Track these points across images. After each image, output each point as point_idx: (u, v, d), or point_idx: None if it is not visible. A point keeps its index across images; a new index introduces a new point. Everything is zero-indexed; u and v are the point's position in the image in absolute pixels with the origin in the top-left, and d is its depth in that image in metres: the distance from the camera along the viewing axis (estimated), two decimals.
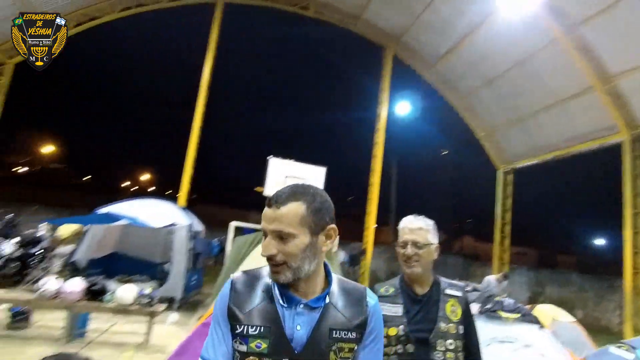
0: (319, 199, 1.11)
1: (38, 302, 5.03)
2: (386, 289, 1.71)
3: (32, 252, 8.63)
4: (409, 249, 1.65)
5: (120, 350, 4.94)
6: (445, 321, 1.59)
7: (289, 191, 1.10)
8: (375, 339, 1.15)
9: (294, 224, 1.06)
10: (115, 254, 9.02)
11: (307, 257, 1.07)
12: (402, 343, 1.57)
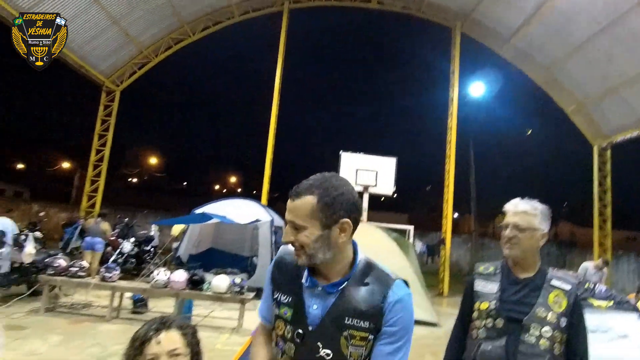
0: (333, 193, 1.11)
1: (152, 291, 5.98)
2: (486, 267, 1.74)
3: (146, 250, 10.13)
4: (509, 231, 1.64)
5: (218, 333, 5.67)
6: (545, 308, 1.55)
7: (306, 184, 1.14)
8: (392, 336, 1.12)
9: (304, 216, 1.11)
10: (211, 250, 10.16)
11: (321, 247, 1.12)
12: (492, 317, 1.58)
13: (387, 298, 1.13)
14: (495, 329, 1.59)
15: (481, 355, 1.60)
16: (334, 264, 1.17)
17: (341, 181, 1.16)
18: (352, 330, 1.12)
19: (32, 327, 5.10)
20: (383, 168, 8.73)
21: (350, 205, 1.14)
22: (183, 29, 13.81)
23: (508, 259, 1.71)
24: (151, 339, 1.27)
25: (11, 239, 6.10)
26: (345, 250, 1.17)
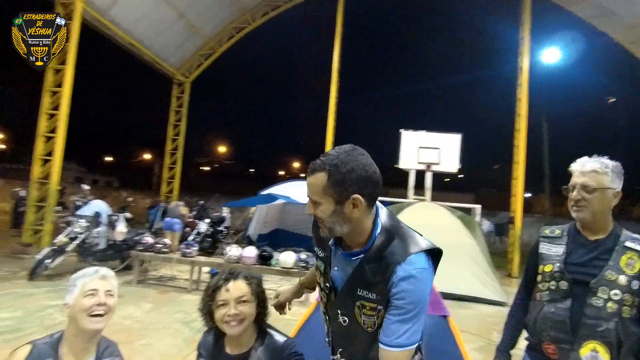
0: (343, 170, 1.11)
1: (226, 265, 6.47)
2: (552, 230, 1.67)
3: (219, 230, 10.92)
4: (576, 192, 1.54)
5: None
6: (616, 271, 1.45)
7: (319, 162, 1.15)
8: (399, 308, 1.14)
9: (318, 192, 1.15)
10: (278, 230, 10.66)
11: (336, 221, 1.15)
12: (555, 279, 1.53)
13: (395, 273, 1.14)
14: (559, 291, 1.53)
15: (543, 317, 1.55)
16: (352, 236, 1.21)
17: (353, 156, 1.14)
18: (362, 300, 1.19)
19: (127, 295, 5.81)
20: (447, 145, 8.38)
21: (362, 181, 1.13)
22: (244, 17, 14.24)
23: (577, 221, 1.61)
24: (221, 287, 1.45)
25: (106, 220, 6.96)
26: (363, 224, 1.19)
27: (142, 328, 4.45)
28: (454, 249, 6.86)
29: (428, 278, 1.16)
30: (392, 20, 40.68)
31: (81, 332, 1.40)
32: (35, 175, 9.07)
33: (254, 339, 1.49)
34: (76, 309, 1.40)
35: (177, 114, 15.01)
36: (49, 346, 1.40)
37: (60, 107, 9.13)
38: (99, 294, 1.42)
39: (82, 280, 1.44)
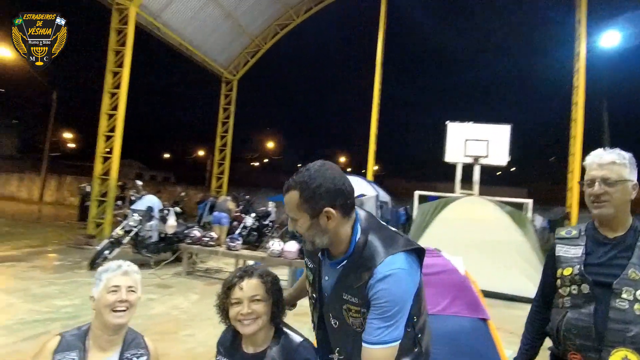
0: (312, 186, 1.18)
1: (269, 259, 6.61)
2: (568, 231, 1.56)
3: (265, 224, 11.19)
4: (597, 186, 1.43)
5: None
6: (639, 269, 1.36)
7: (291, 180, 1.23)
8: (378, 308, 1.17)
9: (293, 209, 1.23)
10: None
11: (315, 234, 1.23)
12: (576, 283, 1.43)
13: (373, 276, 1.18)
14: (581, 296, 1.40)
15: (566, 324, 1.42)
16: (334, 246, 1.28)
17: (321, 172, 1.21)
18: (348, 304, 1.26)
19: (176, 286, 6.14)
20: (495, 137, 7.90)
21: (332, 194, 1.19)
22: (288, 14, 14.39)
23: (595, 219, 1.49)
24: (235, 285, 1.44)
25: (157, 214, 7.37)
26: (340, 234, 1.25)
27: (188, 319, 4.66)
28: (502, 245, 6.48)
29: (406, 278, 1.20)
30: (438, 8, 39.01)
31: (105, 326, 1.47)
32: (97, 171, 9.84)
33: (270, 338, 1.47)
34: (100, 304, 1.47)
35: (226, 111, 15.55)
36: (77, 338, 1.47)
37: (118, 107, 9.81)
38: (121, 291, 1.48)
39: (106, 275, 1.50)
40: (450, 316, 2.22)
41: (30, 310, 4.41)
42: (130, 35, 9.84)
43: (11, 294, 4.98)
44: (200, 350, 3.77)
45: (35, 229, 10.64)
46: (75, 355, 1.43)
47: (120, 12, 9.91)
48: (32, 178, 22.99)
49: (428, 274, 2.49)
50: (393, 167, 36.74)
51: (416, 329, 1.31)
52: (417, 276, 1.25)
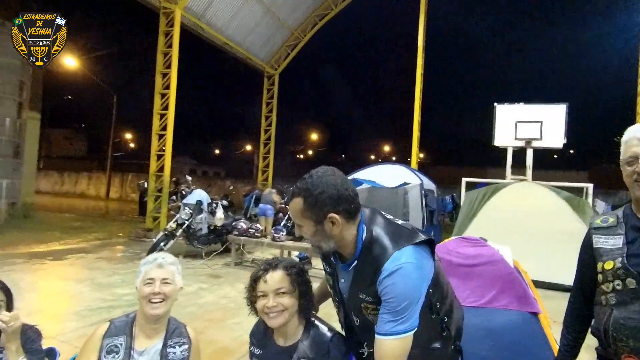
0: (315, 193, 1.20)
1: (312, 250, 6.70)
2: (604, 219, 1.41)
3: None
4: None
5: None
6: None
7: (295, 187, 1.26)
8: (388, 304, 1.19)
9: (298, 216, 1.26)
10: None
11: (320, 239, 1.26)
12: (620, 278, 1.30)
13: (382, 273, 1.19)
14: (628, 292, 1.25)
15: (615, 324, 1.27)
16: (342, 249, 1.31)
17: (323, 178, 1.23)
18: (364, 303, 1.28)
19: (225, 276, 6.40)
20: (550, 118, 7.32)
21: (335, 200, 1.21)
22: (326, 4, 14.27)
23: (633, 203, 1.33)
24: (260, 278, 1.45)
25: (207, 207, 7.70)
26: (347, 237, 1.27)
27: (235, 307, 4.84)
28: (559, 235, 6.06)
29: (414, 271, 1.19)
30: None
31: (145, 316, 1.56)
32: (152, 169, 10.44)
33: (300, 331, 1.48)
34: (139, 295, 1.56)
35: (268, 105, 15.81)
36: (124, 324, 1.57)
37: (169, 107, 10.31)
38: (155, 283, 1.54)
39: (144, 268, 1.59)
40: (497, 309, 2.12)
41: (96, 298, 4.81)
42: (176, 37, 10.25)
43: (80, 282, 5.47)
44: (246, 338, 3.90)
45: (102, 224, 11.56)
46: (122, 341, 1.52)
47: (167, 16, 10.34)
48: (99, 177, 24.91)
49: (472, 265, 2.38)
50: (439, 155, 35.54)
51: (441, 314, 1.33)
52: (428, 267, 1.25)
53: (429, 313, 1.29)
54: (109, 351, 1.50)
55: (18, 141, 9.38)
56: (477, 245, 2.47)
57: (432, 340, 1.34)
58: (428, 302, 1.26)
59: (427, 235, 1.26)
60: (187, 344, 1.62)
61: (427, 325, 1.29)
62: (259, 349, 1.52)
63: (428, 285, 1.24)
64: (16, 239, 8.00)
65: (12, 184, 9.19)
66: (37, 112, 11.43)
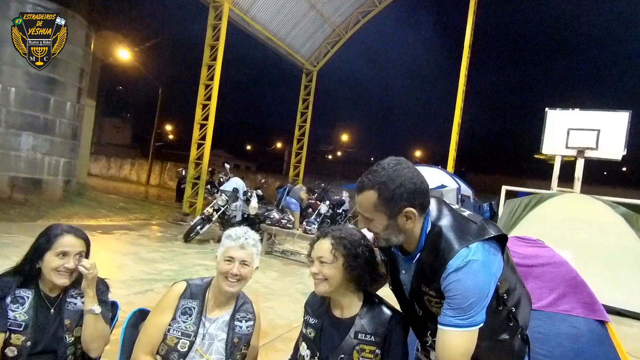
0: (391, 187, 1.14)
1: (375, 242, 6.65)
2: None
3: (338, 212, 11.25)
4: None
5: None
6: None
7: (366, 179, 1.19)
8: (451, 301, 1.15)
9: (369, 210, 1.19)
10: None
11: (391, 233, 1.20)
12: None
13: (446, 269, 1.15)
14: None
15: None
16: (408, 242, 1.26)
17: (399, 171, 1.17)
18: (427, 296, 1.26)
19: None
20: (608, 126, 6.80)
21: (412, 194, 1.16)
22: (370, 0, 14.14)
23: None
24: (313, 243, 1.47)
25: (242, 195, 7.81)
26: (416, 231, 1.23)
27: (268, 292, 4.88)
28: (613, 252, 5.67)
29: (481, 269, 1.14)
30: None
31: (219, 290, 1.58)
32: (192, 156, 10.75)
33: (358, 306, 1.45)
34: (218, 269, 1.57)
35: (305, 102, 15.87)
36: (199, 290, 1.60)
37: (212, 98, 10.57)
38: (234, 263, 1.54)
39: (227, 243, 1.57)
40: (557, 314, 1.97)
41: (140, 270, 5.05)
42: (224, 30, 10.49)
43: (125, 255, 5.75)
44: (280, 322, 3.91)
45: (143, 206, 12.01)
46: (195, 305, 1.56)
47: (216, 9, 10.60)
48: (141, 164, 26.01)
49: (530, 266, 2.23)
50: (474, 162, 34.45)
51: (509, 305, 1.28)
52: (496, 263, 1.19)
53: (496, 305, 1.24)
54: (183, 312, 1.54)
55: (76, 124, 9.93)
56: (535, 246, 2.33)
57: (499, 331, 1.29)
58: (495, 295, 1.21)
59: (497, 230, 1.20)
60: (252, 320, 1.64)
61: (494, 317, 1.24)
62: (314, 318, 1.51)
63: (496, 281, 1.19)
64: (71, 213, 8.51)
65: (69, 163, 9.76)
66: (93, 99, 12.05)
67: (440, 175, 8.99)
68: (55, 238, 1.52)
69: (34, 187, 8.91)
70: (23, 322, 1.47)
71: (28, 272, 1.53)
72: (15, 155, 8.62)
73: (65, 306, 1.56)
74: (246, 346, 1.60)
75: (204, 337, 1.52)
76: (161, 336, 1.50)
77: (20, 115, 8.61)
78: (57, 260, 1.50)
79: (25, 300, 1.50)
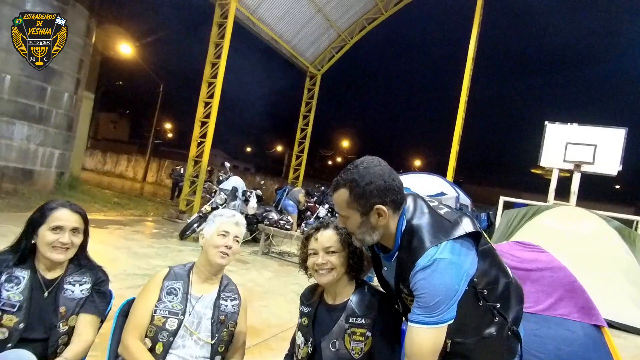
0: (362, 183, 1.18)
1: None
2: None
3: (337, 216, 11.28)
4: None
5: None
6: None
7: (339, 179, 1.23)
8: (419, 299, 1.16)
9: (343, 207, 1.23)
10: None
11: (365, 231, 1.24)
12: None
13: (415, 268, 1.16)
14: None
15: None
16: (384, 240, 1.28)
17: (370, 169, 1.20)
18: (403, 294, 1.29)
19: (253, 263, 6.45)
20: (605, 142, 6.91)
21: (382, 191, 1.18)
22: (376, 8, 14.26)
23: None
24: (312, 236, 1.48)
25: (241, 195, 7.81)
26: (391, 228, 1.24)
27: (262, 292, 4.87)
28: (605, 264, 5.71)
29: (449, 267, 1.14)
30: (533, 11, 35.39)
31: (209, 263, 1.61)
32: (191, 154, 10.73)
33: (350, 291, 1.48)
34: (209, 243, 1.61)
35: (308, 105, 15.91)
36: (183, 272, 1.64)
37: (214, 95, 10.59)
38: (229, 237, 1.61)
39: (220, 220, 1.64)
40: (554, 318, 1.99)
41: (132, 265, 4.99)
42: (229, 29, 10.53)
43: (118, 249, 5.68)
44: (274, 321, 3.90)
45: (138, 202, 11.97)
46: (180, 285, 1.58)
47: (222, 7, 10.65)
48: (138, 160, 25.92)
49: (528, 270, 2.26)
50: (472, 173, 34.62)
51: (490, 300, 1.27)
52: (468, 262, 1.18)
53: (475, 301, 1.25)
54: (168, 292, 1.56)
55: (72, 116, 9.86)
56: (534, 251, 2.36)
57: (483, 327, 1.29)
58: (473, 290, 1.23)
59: (472, 227, 1.20)
60: (237, 299, 1.68)
61: (475, 312, 1.25)
62: (307, 307, 1.54)
63: (469, 278, 1.19)
64: None
65: (63, 155, 9.66)
66: (91, 92, 12.01)
67: (440, 183, 9.02)
68: (50, 212, 1.48)
69: (25, 178, 8.78)
70: (17, 302, 1.41)
71: (24, 249, 1.48)
72: (6, 145, 8.48)
73: (62, 292, 1.50)
74: (233, 324, 1.62)
75: (192, 315, 1.54)
76: (148, 318, 1.50)
77: (13, 103, 8.44)
78: (51, 234, 1.46)
79: (21, 280, 1.44)
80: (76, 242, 1.52)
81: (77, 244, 1.53)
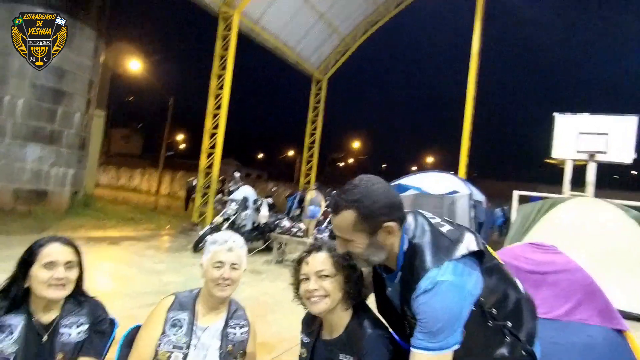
0: (368, 203, 1.13)
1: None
2: None
3: None
4: None
5: None
6: None
7: (340, 200, 1.16)
8: (421, 323, 1.10)
9: (348, 231, 1.16)
10: None
11: (372, 252, 1.18)
12: None
13: (416, 290, 1.11)
14: None
15: None
16: (390, 261, 1.22)
17: (372, 187, 1.16)
18: (408, 316, 1.19)
19: (266, 273, 6.43)
20: (618, 130, 6.69)
21: (389, 208, 1.15)
22: (378, 11, 14.23)
23: None
24: (303, 260, 1.38)
25: (252, 204, 7.83)
26: (395, 248, 1.20)
27: (275, 304, 4.82)
28: (625, 255, 5.55)
29: (451, 289, 1.09)
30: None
31: (210, 296, 1.53)
32: (202, 165, 10.84)
33: (346, 323, 1.35)
34: (207, 276, 1.52)
35: (315, 110, 15.95)
36: (188, 300, 1.55)
37: (221, 107, 10.69)
38: (225, 267, 1.49)
39: (214, 248, 1.53)
40: (574, 323, 1.91)
41: (144, 282, 5.04)
42: (234, 41, 10.64)
43: (131, 267, 5.76)
44: (286, 335, 3.85)
45: (152, 216, 12.12)
46: (186, 316, 1.51)
47: (225, 20, 10.77)
48: (151, 173, 26.32)
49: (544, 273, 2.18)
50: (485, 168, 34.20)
51: (499, 319, 1.19)
52: (472, 282, 1.13)
53: (483, 321, 1.17)
54: (172, 325, 1.49)
55: (84, 135, 10.07)
56: (549, 252, 2.27)
57: (493, 347, 1.21)
58: (480, 310, 1.15)
59: (474, 246, 1.15)
60: (246, 326, 1.60)
61: (484, 333, 1.18)
62: (307, 338, 1.47)
63: (474, 299, 1.13)
64: (77, 224, 8.58)
65: (76, 173, 9.86)
66: (102, 109, 12.25)
67: (452, 181, 8.88)
68: (40, 248, 1.40)
69: (39, 199, 8.93)
70: (12, 354, 1.31)
71: (15, 294, 1.38)
72: (19, 167, 8.65)
73: (58, 337, 1.41)
74: (242, 354, 1.55)
75: (197, 348, 1.47)
76: (152, 353, 1.44)
77: (25, 127, 8.64)
78: (44, 272, 1.36)
79: (14, 328, 1.35)
80: (72, 277, 1.44)
81: (72, 279, 1.45)
